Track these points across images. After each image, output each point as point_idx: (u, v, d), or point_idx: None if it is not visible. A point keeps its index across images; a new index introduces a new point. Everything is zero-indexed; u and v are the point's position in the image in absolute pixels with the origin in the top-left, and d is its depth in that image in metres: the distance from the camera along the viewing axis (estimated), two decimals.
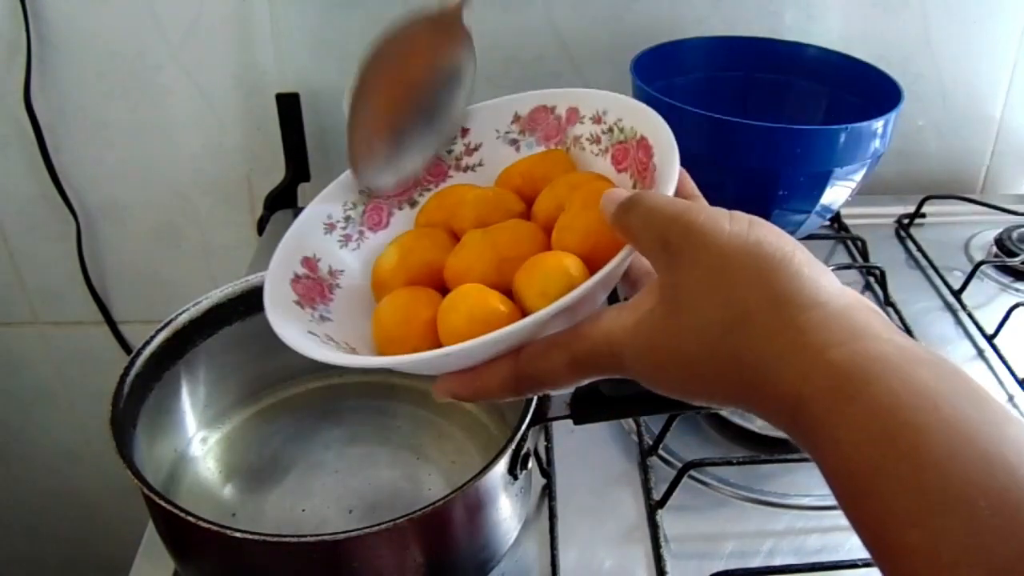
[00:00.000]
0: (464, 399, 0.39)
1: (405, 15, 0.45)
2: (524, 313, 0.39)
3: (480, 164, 0.51)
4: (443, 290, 0.43)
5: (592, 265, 0.39)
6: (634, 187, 0.43)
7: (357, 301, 0.47)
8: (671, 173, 0.39)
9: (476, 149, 0.51)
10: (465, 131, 0.51)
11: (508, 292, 0.41)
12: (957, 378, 0.30)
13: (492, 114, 0.51)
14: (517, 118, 0.50)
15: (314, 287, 0.47)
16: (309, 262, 0.48)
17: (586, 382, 0.38)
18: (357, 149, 0.47)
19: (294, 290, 0.46)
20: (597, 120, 0.47)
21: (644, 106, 0.44)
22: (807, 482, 0.64)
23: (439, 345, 0.40)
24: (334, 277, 0.48)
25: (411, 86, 0.48)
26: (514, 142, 0.50)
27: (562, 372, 0.37)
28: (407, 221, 0.50)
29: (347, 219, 0.50)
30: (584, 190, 0.43)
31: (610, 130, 0.46)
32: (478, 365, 0.38)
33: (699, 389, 0.35)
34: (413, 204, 0.50)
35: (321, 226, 0.49)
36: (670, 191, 0.38)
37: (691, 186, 0.42)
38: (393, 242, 0.47)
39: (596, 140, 0.47)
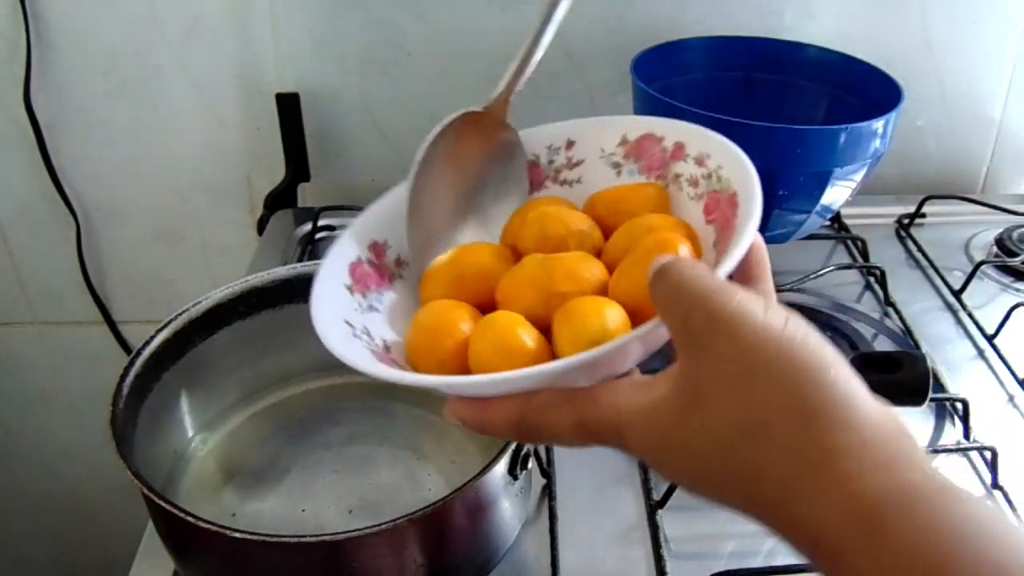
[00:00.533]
0: (470, 427, 0.38)
1: (452, 116, 0.47)
2: (553, 355, 0.38)
3: (579, 181, 0.49)
4: (492, 306, 0.43)
5: (640, 321, 0.36)
6: (715, 244, 0.42)
7: (415, 299, 0.46)
8: (738, 245, 0.36)
9: (577, 164, 0.49)
10: (571, 143, 0.50)
11: (550, 327, 0.40)
12: (987, 515, 0.27)
13: (600, 131, 0.49)
14: (624, 141, 0.48)
15: (373, 274, 0.46)
16: (377, 247, 0.47)
17: (589, 446, 0.36)
18: (417, 249, 0.47)
19: (351, 274, 0.45)
20: (700, 162, 0.44)
21: (747, 161, 0.42)
22: None
23: (467, 364, 0.40)
24: (400, 267, 0.47)
25: (463, 182, 0.48)
26: (616, 166, 0.48)
27: (566, 431, 0.35)
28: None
29: None
30: (653, 238, 0.40)
31: (709, 176, 0.43)
32: (491, 397, 0.37)
33: (708, 490, 0.33)
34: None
35: (402, 212, 0.48)
36: (726, 266, 0.35)
37: (761, 264, 0.38)
38: (455, 248, 0.46)
39: (694, 183, 0.44)
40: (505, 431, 0.37)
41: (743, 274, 0.38)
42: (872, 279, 0.87)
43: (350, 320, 0.43)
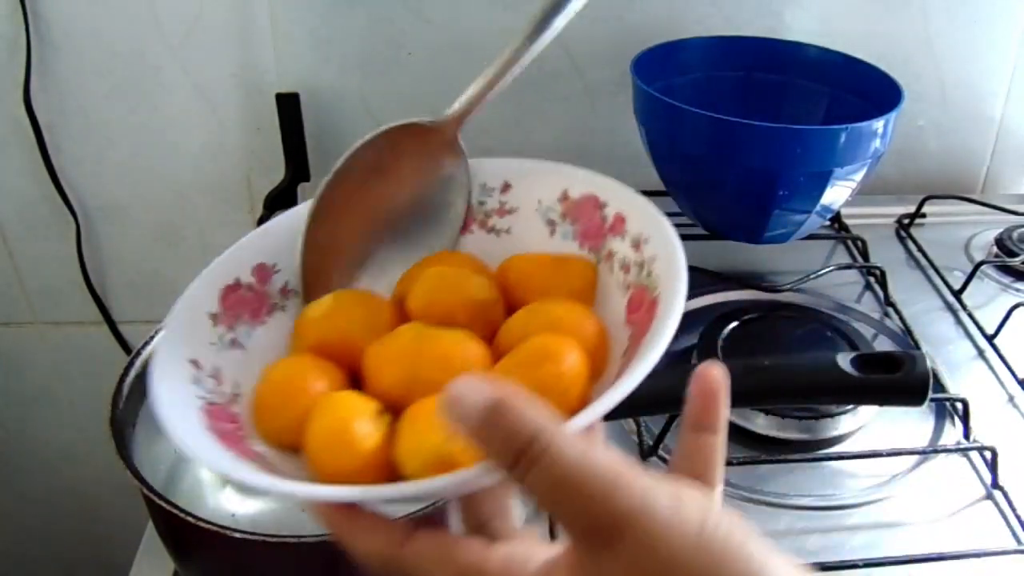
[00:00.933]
0: (333, 533, 0.32)
1: (391, 124, 0.41)
2: (390, 462, 0.33)
3: (508, 231, 0.44)
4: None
5: None
6: (624, 352, 0.36)
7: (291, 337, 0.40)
8: (623, 380, 0.31)
9: (510, 212, 0.44)
10: (507, 186, 0.44)
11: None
12: None
13: (542, 179, 0.43)
14: (565, 197, 0.43)
15: (252, 301, 0.40)
16: (264, 269, 0.41)
17: None
18: (309, 271, 0.41)
19: (222, 299, 0.39)
20: (637, 245, 0.39)
21: (681, 262, 0.36)
22: (807, 482, 0.64)
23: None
24: (285, 297, 0.41)
25: (386, 205, 0.42)
26: (551, 223, 0.43)
27: None
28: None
29: None
30: (547, 341, 0.34)
31: (641, 265, 0.38)
32: (357, 511, 0.32)
33: None
34: None
35: (298, 238, 0.42)
36: (589, 414, 0.30)
37: (713, 409, 0.33)
38: (336, 293, 0.40)
39: (626, 268, 0.39)
40: (369, 559, 0.32)
41: (694, 417, 0.33)
42: (872, 279, 0.87)
43: (198, 358, 0.37)
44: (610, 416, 0.30)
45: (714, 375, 0.33)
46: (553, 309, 0.37)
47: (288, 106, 0.95)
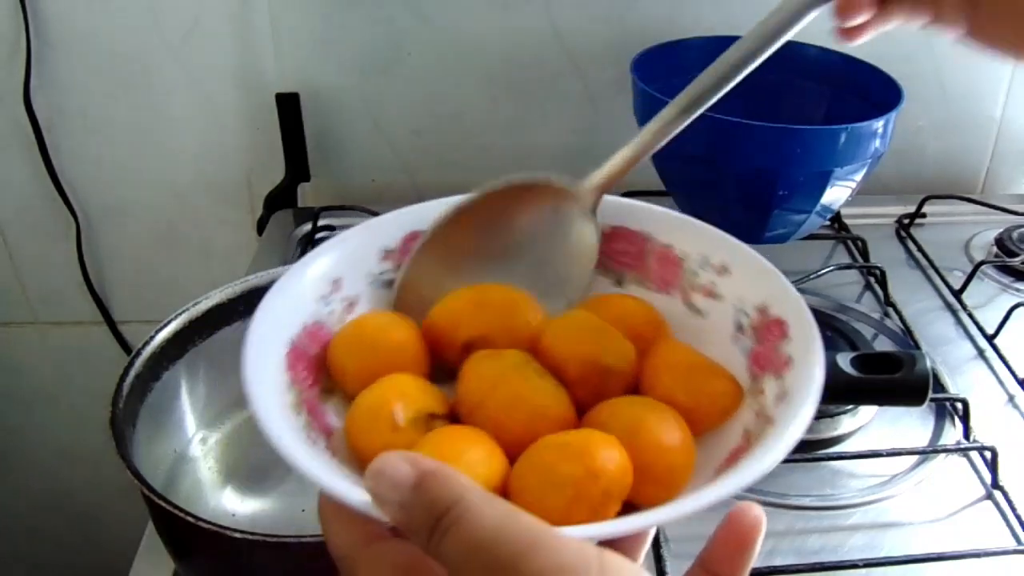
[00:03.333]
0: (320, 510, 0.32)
1: (526, 178, 0.38)
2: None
3: (700, 313, 0.41)
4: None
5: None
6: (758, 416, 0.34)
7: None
8: (660, 513, 0.30)
9: (714, 298, 0.41)
10: (724, 270, 0.41)
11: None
12: None
13: (756, 280, 0.40)
14: (764, 310, 0.39)
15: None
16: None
17: None
18: (403, 303, 0.38)
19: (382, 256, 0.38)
20: (778, 400, 0.35)
21: (790, 443, 0.31)
22: (807, 482, 0.64)
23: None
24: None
25: (499, 255, 0.39)
26: (739, 328, 0.39)
27: None
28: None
29: None
30: (582, 436, 0.32)
31: (767, 419, 0.34)
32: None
33: None
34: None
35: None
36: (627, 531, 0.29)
37: (743, 563, 0.30)
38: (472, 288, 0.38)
39: (757, 414, 0.35)
40: (333, 548, 0.31)
41: (717, 561, 0.31)
42: (872, 279, 0.87)
43: (344, 278, 0.37)
44: None
45: (754, 517, 0.30)
46: (649, 419, 0.34)
47: (288, 106, 0.95)
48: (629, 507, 0.31)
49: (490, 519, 0.25)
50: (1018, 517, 0.61)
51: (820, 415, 0.66)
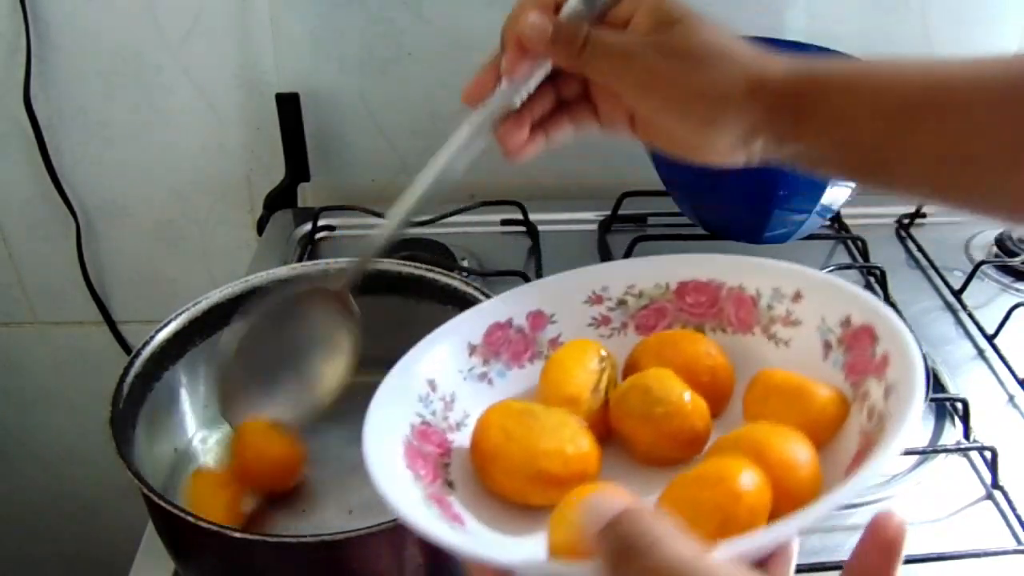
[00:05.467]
0: None
1: (299, 289, 0.48)
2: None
3: (787, 343, 0.43)
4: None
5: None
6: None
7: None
8: (800, 518, 0.31)
9: (795, 324, 0.44)
10: (799, 297, 0.44)
11: None
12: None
13: (831, 297, 0.43)
14: (848, 323, 0.41)
15: (519, 343, 0.43)
16: (541, 317, 0.43)
17: None
18: (229, 396, 0.50)
19: (489, 333, 0.42)
20: (887, 394, 0.37)
21: (912, 422, 0.34)
22: None
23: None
24: (553, 348, 0.43)
25: (291, 343, 0.49)
26: (827, 346, 0.42)
27: None
28: None
29: (620, 303, 0.45)
30: (716, 475, 0.35)
31: (881, 416, 0.36)
32: None
33: None
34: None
35: (587, 293, 0.44)
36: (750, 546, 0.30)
37: (894, 565, 0.31)
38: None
39: (871, 415, 0.37)
40: None
41: (863, 570, 0.32)
42: (872, 279, 0.87)
43: (437, 380, 0.40)
44: None
45: (898, 523, 0.31)
46: (763, 435, 0.37)
47: (288, 106, 0.95)
48: None
49: (678, 552, 0.26)
50: (1018, 517, 0.61)
51: None
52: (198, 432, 0.65)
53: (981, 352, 0.77)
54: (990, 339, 0.78)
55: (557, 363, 0.42)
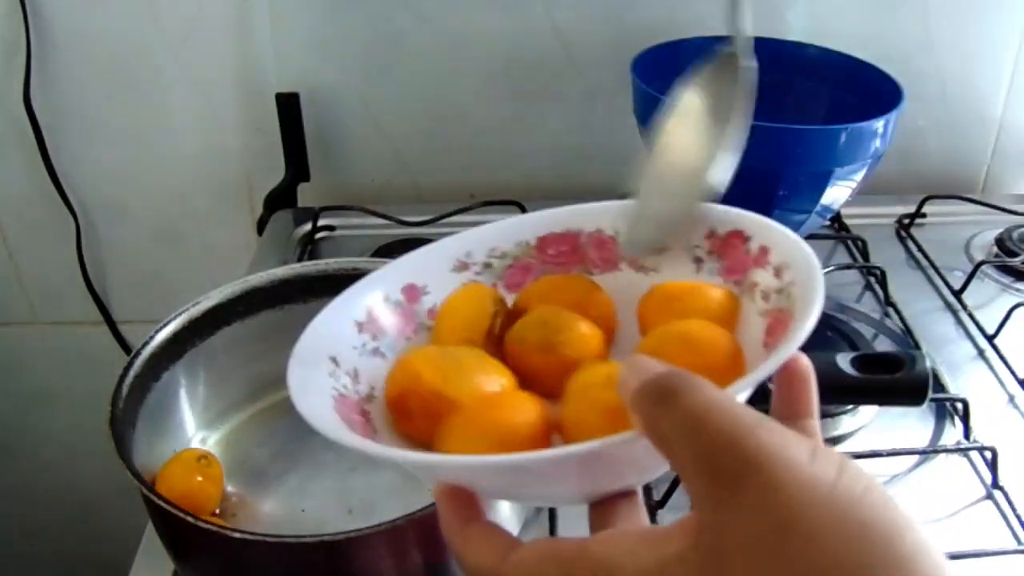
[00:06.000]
0: (449, 539, 0.33)
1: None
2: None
3: (656, 270, 0.45)
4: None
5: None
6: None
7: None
8: (768, 363, 0.32)
9: (660, 250, 0.45)
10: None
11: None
12: None
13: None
14: (712, 235, 0.43)
15: (399, 317, 0.43)
16: (414, 290, 0.44)
17: None
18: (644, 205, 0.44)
19: (370, 310, 0.42)
20: (778, 273, 0.39)
21: (819, 273, 0.37)
22: None
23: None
24: (432, 317, 0.44)
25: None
26: (697, 260, 0.44)
27: None
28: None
29: (486, 266, 0.45)
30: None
31: (781, 291, 0.39)
32: (470, 526, 0.32)
33: None
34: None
35: (452, 261, 0.45)
36: (742, 384, 0.31)
37: (807, 397, 0.34)
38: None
39: (767, 297, 0.39)
40: (473, 571, 0.32)
41: (787, 406, 0.34)
42: (872, 279, 0.87)
43: (338, 356, 0.40)
44: None
45: (802, 361, 0.33)
46: (684, 328, 0.38)
47: (288, 106, 0.95)
48: None
49: (713, 395, 0.27)
50: (1018, 517, 0.61)
51: (820, 415, 0.65)
52: (198, 432, 0.66)
53: (981, 352, 0.77)
54: (990, 339, 0.78)
55: (451, 308, 0.43)
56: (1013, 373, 0.74)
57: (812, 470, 0.25)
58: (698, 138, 0.46)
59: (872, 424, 0.69)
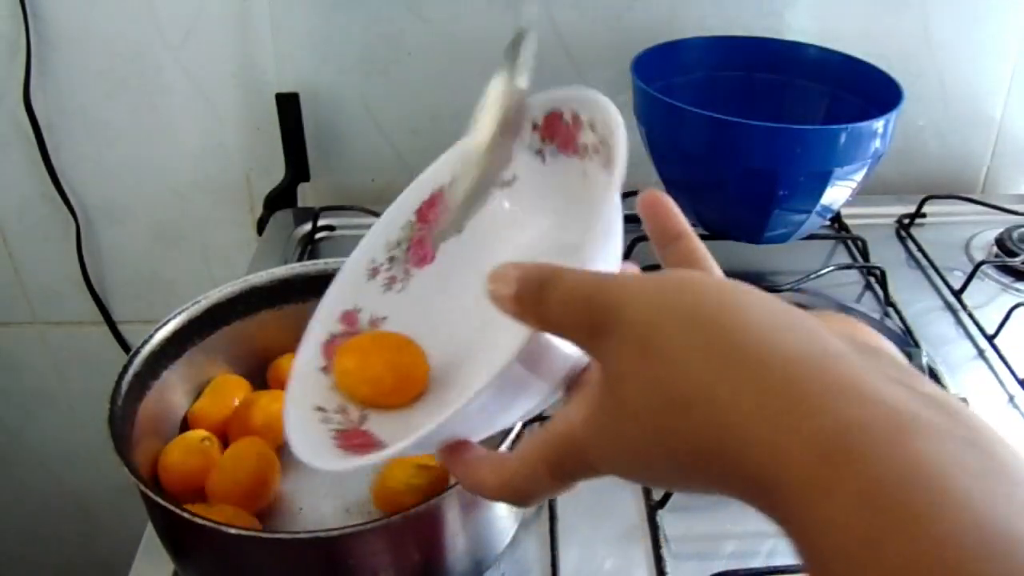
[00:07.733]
0: (455, 474, 0.36)
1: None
2: None
3: (515, 178, 0.48)
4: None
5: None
6: None
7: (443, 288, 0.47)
8: (610, 223, 0.34)
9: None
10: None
11: None
12: (965, 450, 0.23)
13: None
14: (535, 126, 0.46)
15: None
16: (349, 316, 0.47)
17: (576, 485, 0.33)
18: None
19: (324, 354, 0.45)
20: (592, 127, 0.43)
21: (615, 112, 0.39)
22: None
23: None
24: (375, 327, 0.47)
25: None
26: (539, 152, 0.46)
27: (547, 486, 0.33)
28: (457, 250, 0.48)
29: (391, 260, 0.48)
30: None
31: (603, 142, 0.41)
32: (472, 463, 0.36)
33: (659, 477, 0.30)
34: (460, 230, 0.48)
35: (364, 273, 0.48)
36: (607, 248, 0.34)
37: (677, 218, 0.37)
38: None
39: (596, 150, 0.42)
40: (495, 499, 0.35)
41: (661, 234, 0.38)
42: (872, 279, 0.87)
43: (320, 404, 0.43)
44: None
45: (654, 192, 0.38)
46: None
47: (288, 106, 0.95)
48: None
49: (576, 274, 0.31)
50: None
51: None
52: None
53: (981, 352, 0.77)
54: (990, 339, 0.78)
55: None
56: (1013, 373, 0.74)
57: (653, 287, 0.29)
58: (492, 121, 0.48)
59: None
